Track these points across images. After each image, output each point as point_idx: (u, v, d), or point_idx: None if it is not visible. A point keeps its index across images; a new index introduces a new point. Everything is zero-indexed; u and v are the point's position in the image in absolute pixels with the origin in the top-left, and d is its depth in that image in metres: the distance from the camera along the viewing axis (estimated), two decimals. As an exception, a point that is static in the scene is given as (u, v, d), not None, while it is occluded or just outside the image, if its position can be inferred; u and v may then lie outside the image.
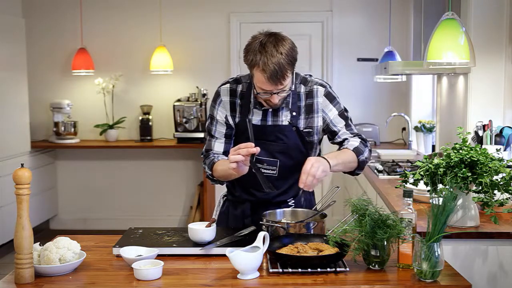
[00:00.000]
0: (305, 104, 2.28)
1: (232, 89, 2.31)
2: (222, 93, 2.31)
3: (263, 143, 2.23)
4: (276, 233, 2.04)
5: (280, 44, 2.09)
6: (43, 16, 5.95)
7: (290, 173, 2.29)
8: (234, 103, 2.29)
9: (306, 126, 2.27)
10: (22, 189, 1.75)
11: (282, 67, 2.06)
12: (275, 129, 2.25)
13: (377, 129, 5.65)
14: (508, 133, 3.08)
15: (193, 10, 5.86)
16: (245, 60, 2.14)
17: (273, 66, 2.05)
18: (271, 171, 2.27)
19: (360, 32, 5.83)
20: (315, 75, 2.44)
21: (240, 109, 2.28)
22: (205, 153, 2.37)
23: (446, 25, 2.61)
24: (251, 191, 2.32)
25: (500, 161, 2.06)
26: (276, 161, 2.26)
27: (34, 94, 5.81)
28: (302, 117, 2.27)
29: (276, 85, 2.10)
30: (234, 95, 2.29)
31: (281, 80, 2.08)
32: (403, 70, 4.15)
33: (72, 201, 6.11)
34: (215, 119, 2.33)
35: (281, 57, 2.06)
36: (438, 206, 1.74)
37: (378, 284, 1.70)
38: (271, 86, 2.10)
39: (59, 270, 1.79)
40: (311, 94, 2.28)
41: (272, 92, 2.13)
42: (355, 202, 1.87)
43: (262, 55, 2.06)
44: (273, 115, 2.25)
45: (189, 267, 1.86)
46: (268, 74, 2.06)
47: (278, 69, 2.05)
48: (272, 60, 2.05)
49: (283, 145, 2.25)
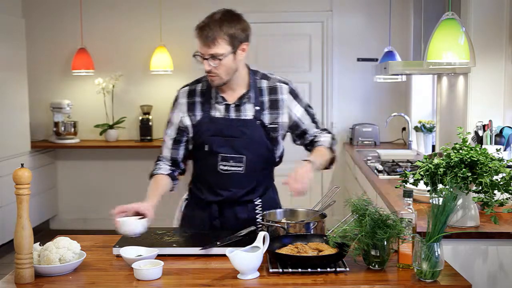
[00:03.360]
0: (269, 99, 2.28)
1: (191, 89, 2.33)
2: (180, 96, 2.35)
3: (228, 139, 2.23)
4: (276, 233, 2.04)
5: (227, 16, 2.17)
6: (43, 16, 5.95)
7: (257, 169, 2.28)
8: (193, 103, 2.30)
9: (271, 121, 2.27)
10: (22, 189, 1.75)
11: (215, 31, 2.12)
12: (238, 123, 2.24)
13: (377, 129, 5.65)
14: (508, 133, 3.08)
15: (193, 10, 5.85)
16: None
17: (205, 25, 2.13)
18: (238, 168, 2.25)
19: (360, 32, 5.83)
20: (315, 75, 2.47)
21: (201, 106, 2.28)
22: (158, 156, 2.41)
23: (446, 25, 2.61)
24: (217, 192, 2.30)
25: (500, 161, 2.06)
26: (242, 157, 2.25)
27: (34, 94, 5.80)
28: (266, 112, 2.27)
29: (206, 47, 2.13)
30: (193, 95, 2.31)
31: (210, 42, 2.12)
32: (403, 70, 4.15)
33: (72, 201, 6.11)
34: (170, 122, 2.35)
35: (217, 21, 2.14)
36: (438, 206, 1.74)
37: (378, 284, 1.70)
38: (203, 47, 2.13)
39: (59, 270, 1.79)
40: (274, 90, 2.29)
41: (204, 56, 2.15)
42: (355, 202, 1.87)
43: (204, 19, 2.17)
44: (235, 110, 2.25)
45: (189, 267, 1.86)
46: (198, 30, 2.14)
47: (209, 29, 2.12)
48: (208, 22, 2.14)
49: (248, 140, 2.24)
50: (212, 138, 2.23)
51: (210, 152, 2.25)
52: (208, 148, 2.25)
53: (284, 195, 2.49)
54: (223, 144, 2.23)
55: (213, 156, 2.24)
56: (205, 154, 2.26)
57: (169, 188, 2.33)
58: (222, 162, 2.24)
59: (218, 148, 2.24)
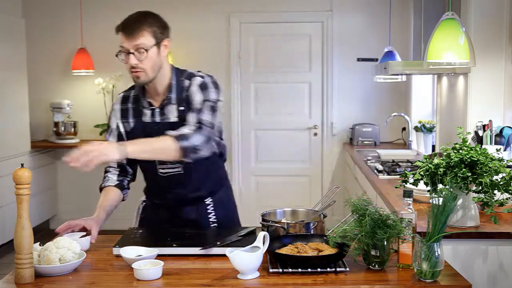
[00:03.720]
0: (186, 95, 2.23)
1: (125, 96, 2.34)
2: (115, 102, 2.36)
3: None
4: (276, 233, 2.04)
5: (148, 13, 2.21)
6: (43, 16, 5.95)
7: (196, 169, 2.26)
8: (126, 109, 2.31)
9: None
10: (22, 189, 1.75)
11: (140, 23, 2.13)
12: (165, 126, 2.20)
13: (377, 129, 5.66)
14: (508, 133, 3.08)
15: (193, 11, 5.86)
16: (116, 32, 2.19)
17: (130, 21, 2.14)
18: (177, 169, 2.25)
19: (360, 32, 5.83)
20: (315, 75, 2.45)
21: (133, 112, 2.28)
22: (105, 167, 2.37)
23: (446, 25, 2.61)
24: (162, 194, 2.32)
25: (500, 161, 2.06)
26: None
27: (34, 94, 5.80)
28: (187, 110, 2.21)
29: (131, 39, 2.12)
30: (126, 101, 2.32)
31: (136, 34, 2.12)
32: (403, 70, 4.15)
33: (72, 201, 6.11)
34: (110, 128, 2.35)
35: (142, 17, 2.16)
36: (438, 206, 1.74)
37: (378, 284, 1.70)
38: (127, 41, 2.12)
39: (59, 270, 1.79)
40: (190, 85, 2.24)
41: (129, 51, 2.13)
42: (355, 202, 1.87)
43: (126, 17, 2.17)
44: (160, 114, 2.24)
45: (189, 267, 1.86)
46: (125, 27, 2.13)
47: (132, 22, 2.13)
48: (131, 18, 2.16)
49: None
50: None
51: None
52: None
53: (285, 195, 2.50)
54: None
55: (151, 161, 2.24)
56: (144, 160, 2.24)
57: (119, 200, 2.33)
58: (160, 166, 2.25)
59: None
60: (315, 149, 5.98)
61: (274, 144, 6.02)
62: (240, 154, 6.03)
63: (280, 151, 5.99)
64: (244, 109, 6.00)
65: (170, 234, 2.15)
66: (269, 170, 6.03)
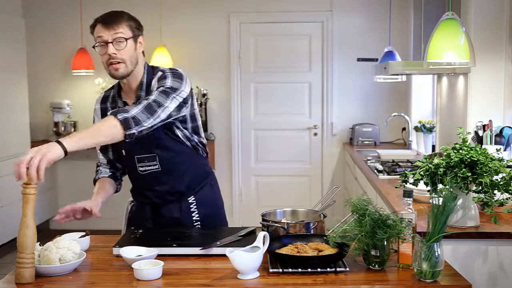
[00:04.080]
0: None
1: (105, 96, 2.37)
2: (96, 102, 2.39)
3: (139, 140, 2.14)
4: (276, 233, 2.04)
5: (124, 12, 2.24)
6: (43, 16, 5.95)
7: (173, 165, 2.27)
8: (106, 108, 2.33)
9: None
10: (29, 188, 1.75)
11: (118, 14, 2.18)
12: None
13: (377, 129, 5.66)
14: (508, 133, 3.08)
15: (193, 10, 5.87)
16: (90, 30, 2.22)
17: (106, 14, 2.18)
18: (154, 167, 2.27)
19: (360, 32, 5.83)
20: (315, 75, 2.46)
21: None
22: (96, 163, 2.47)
23: (446, 25, 2.61)
24: (144, 192, 2.36)
25: (500, 161, 2.06)
26: (155, 156, 2.26)
27: (34, 94, 5.80)
28: None
29: (110, 30, 2.14)
30: (105, 101, 2.36)
31: (115, 24, 2.15)
32: (403, 70, 4.15)
33: (72, 201, 6.02)
34: None
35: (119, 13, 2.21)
36: (438, 206, 1.74)
37: (378, 284, 1.70)
38: (105, 31, 2.15)
39: (59, 270, 1.79)
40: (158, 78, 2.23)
41: (107, 41, 2.15)
42: (355, 202, 1.87)
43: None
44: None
45: (189, 267, 1.86)
46: (101, 19, 2.17)
47: (112, 14, 2.17)
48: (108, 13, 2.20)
49: (153, 138, 2.20)
50: (125, 142, 2.10)
51: (127, 156, 2.30)
52: (125, 153, 2.30)
53: (285, 195, 2.50)
54: (134, 146, 2.23)
55: (131, 159, 2.29)
56: (125, 159, 2.32)
57: (113, 188, 2.39)
58: (139, 164, 2.28)
59: (132, 151, 2.27)
60: (315, 149, 5.98)
61: (274, 144, 6.02)
62: (240, 154, 6.03)
63: (280, 151, 5.99)
64: (244, 109, 6.00)
65: (170, 234, 2.15)
66: (269, 170, 6.03)
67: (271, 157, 6.04)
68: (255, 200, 6.04)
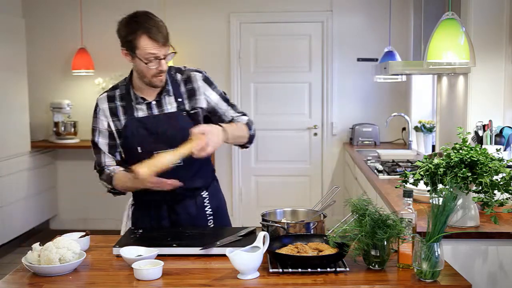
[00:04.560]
0: (186, 89, 2.32)
1: (110, 95, 2.32)
2: (99, 102, 2.33)
3: (158, 136, 2.23)
4: (276, 233, 2.04)
5: (151, 14, 2.21)
6: (43, 16, 5.95)
7: (193, 160, 2.26)
8: (115, 107, 2.30)
9: (192, 108, 2.30)
10: None
11: (164, 31, 2.17)
12: (164, 117, 2.26)
13: (377, 129, 5.66)
14: (508, 133, 3.08)
15: (193, 10, 5.87)
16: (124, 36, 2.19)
17: (156, 28, 2.14)
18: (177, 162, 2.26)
19: (360, 32, 5.83)
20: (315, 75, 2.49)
21: (123, 110, 2.28)
22: (98, 167, 2.36)
23: (446, 25, 2.61)
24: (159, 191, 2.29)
25: (500, 161, 2.06)
26: None
27: (34, 94, 5.80)
28: (186, 102, 2.30)
29: (164, 47, 2.16)
30: (113, 100, 2.31)
31: (167, 42, 2.17)
32: (403, 70, 4.15)
33: (72, 201, 6.11)
34: (97, 130, 2.31)
35: (160, 22, 2.18)
36: (438, 206, 1.74)
37: (378, 284, 1.70)
38: (160, 48, 2.15)
39: (59, 270, 1.79)
40: (189, 80, 2.33)
41: (160, 57, 2.16)
42: (355, 202, 1.87)
43: (139, 22, 2.15)
44: (157, 106, 2.28)
45: (189, 267, 1.86)
46: (155, 35, 2.14)
47: (161, 29, 2.16)
48: (151, 23, 2.15)
49: (178, 132, 2.24)
50: (143, 138, 2.23)
51: (144, 152, 2.25)
52: (141, 150, 2.26)
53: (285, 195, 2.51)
54: (155, 142, 2.24)
55: (148, 155, 2.22)
56: (139, 156, 2.24)
57: None
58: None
59: (150, 146, 2.24)
60: (315, 149, 5.98)
61: (274, 144, 6.01)
62: (240, 154, 6.03)
63: (280, 151, 6.00)
64: (244, 109, 5.94)
65: (170, 234, 2.15)
66: (269, 170, 6.03)
67: (271, 157, 6.04)
68: (255, 200, 6.04)
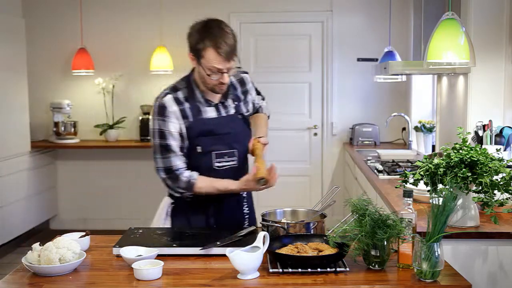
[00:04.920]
0: (242, 91, 2.41)
1: (176, 97, 2.29)
2: (168, 105, 2.26)
3: (220, 136, 2.29)
4: (276, 233, 2.04)
5: (223, 24, 2.20)
6: (43, 16, 5.95)
7: (245, 160, 2.41)
8: (183, 109, 2.28)
9: (247, 110, 2.42)
10: None
11: (232, 44, 2.17)
12: (228, 119, 2.33)
13: (377, 129, 5.66)
14: (508, 133, 3.08)
15: (193, 10, 5.86)
16: (193, 43, 2.21)
17: (224, 42, 2.14)
18: (232, 162, 2.34)
19: (360, 32, 5.83)
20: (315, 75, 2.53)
21: (191, 111, 2.28)
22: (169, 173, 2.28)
23: (446, 25, 2.61)
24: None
25: (500, 161, 2.06)
26: (235, 151, 2.34)
27: (34, 94, 5.80)
28: (242, 104, 2.40)
29: (229, 62, 2.18)
30: (180, 103, 2.28)
31: (233, 56, 2.18)
32: (403, 70, 4.15)
33: (72, 201, 6.11)
34: (168, 133, 2.26)
35: (229, 35, 2.17)
36: (438, 206, 1.74)
37: (378, 284, 1.70)
38: (224, 63, 2.17)
39: (59, 270, 1.79)
40: (243, 82, 2.43)
41: (223, 71, 2.18)
42: (355, 202, 1.87)
43: (211, 34, 2.15)
44: (223, 107, 2.33)
45: (189, 267, 1.86)
46: (221, 49, 2.14)
47: (230, 45, 2.15)
48: (222, 38, 2.15)
49: (236, 134, 2.33)
50: (204, 138, 2.28)
51: (203, 152, 2.29)
52: (201, 149, 2.28)
53: (285, 195, 2.53)
54: (215, 142, 2.29)
55: (207, 155, 2.29)
56: (197, 155, 2.29)
57: None
58: (217, 159, 2.31)
59: (211, 146, 2.28)
60: (315, 149, 5.98)
61: (274, 144, 5.98)
62: (240, 154, 6.03)
63: (280, 151, 5.99)
64: (244, 109, 5.99)
65: (170, 234, 2.15)
66: (269, 170, 6.02)
67: (271, 157, 5.98)
68: (255, 200, 6.01)
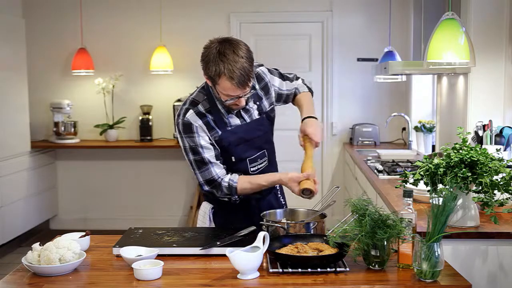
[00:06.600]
0: (261, 87, 2.40)
1: (198, 112, 2.28)
2: (192, 120, 2.26)
3: (250, 142, 2.32)
4: (276, 233, 2.04)
5: (238, 48, 2.14)
6: (43, 16, 5.95)
7: (274, 157, 2.46)
8: (207, 122, 2.27)
9: (269, 106, 2.42)
10: None
11: (247, 71, 2.12)
12: (254, 124, 2.34)
13: (377, 129, 5.66)
14: (508, 133, 3.08)
15: (193, 10, 5.86)
16: (207, 71, 2.14)
17: (239, 72, 2.09)
18: (264, 163, 2.40)
19: (360, 32, 5.83)
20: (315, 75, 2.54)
21: (215, 123, 2.28)
22: (211, 184, 2.29)
23: (446, 25, 2.61)
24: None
25: (500, 161, 2.06)
26: (264, 152, 2.39)
27: (34, 94, 5.80)
28: (263, 100, 2.39)
29: (244, 89, 2.15)
30: (203, 116, 2.27)
31: (248, 83, 2.15)
32: (403, 70, 4.15)
33: (72, 201, 6.11)
34: (200, 147, 2.26)
35: (243, 61, 2.11)
36: (438, 206, 1.74)
37: (378, 284, 1.70)
38: (239, 91, 2.15)
39: (59, 270, 1.79)
40: (259, 77, 2.41)
41: (239, 96, 2.18)
42: (355, 202, 1.87)
43: (225, 63, 2.09)
44: (245, 112, 2.33)
45: (189, 267, 1.86)
46: (236, 80, 2.10)
47: (244, 74, 2.11)
48: (236, 66, 2.09)
49: (263, 135, 2.37)
50: (236, 147, 2.30)
51: (238, 161, 2.32)
52: (235, 159, 2.31)
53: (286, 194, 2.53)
54: (247, 149, 2.32)
55: (241, 162, 2.33)
56: (231, 163, 2.32)
57: None
58: (251, 164, 2.35)
59: (244, 154, 2.32)
60: (315, 149, 5.97)
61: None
62: (240, 154, 6.03)
63: (280, 151, 5.97)
64: (244, 109, 5.99)
65: (170, 234, 2.15)
66: (269, 170, 6.02)
67: (271, 157, 6.03)
68: (255, 200, 6.03)
